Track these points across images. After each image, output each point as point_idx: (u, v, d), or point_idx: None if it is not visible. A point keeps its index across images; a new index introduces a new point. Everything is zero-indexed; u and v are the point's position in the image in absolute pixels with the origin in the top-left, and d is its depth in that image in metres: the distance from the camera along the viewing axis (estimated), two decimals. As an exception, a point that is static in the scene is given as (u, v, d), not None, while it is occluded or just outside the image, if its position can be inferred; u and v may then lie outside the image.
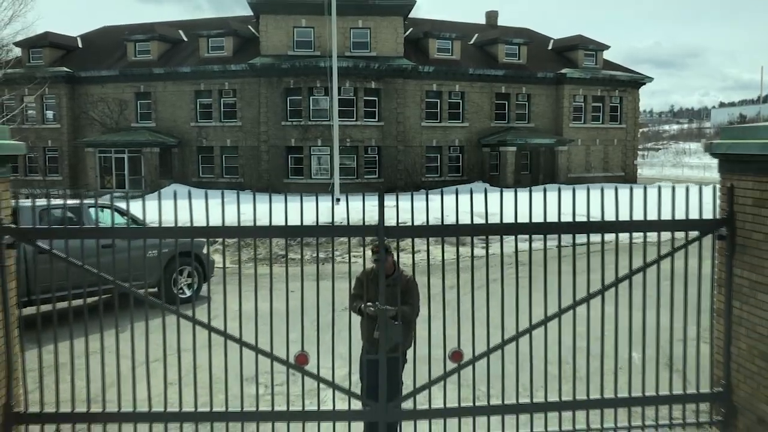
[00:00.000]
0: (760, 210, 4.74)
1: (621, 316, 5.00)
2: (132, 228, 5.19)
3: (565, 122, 38.03)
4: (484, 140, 36.29)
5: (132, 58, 36.36)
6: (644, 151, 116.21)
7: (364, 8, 33.45)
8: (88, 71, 36.17)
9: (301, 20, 33.44)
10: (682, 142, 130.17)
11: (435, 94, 35.69)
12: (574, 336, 4.84)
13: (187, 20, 40.94)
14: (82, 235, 4.85)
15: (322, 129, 32.81)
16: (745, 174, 4.91)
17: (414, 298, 4.92)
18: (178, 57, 36.26)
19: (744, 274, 4.93)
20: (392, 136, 34.45)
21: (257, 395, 4.91)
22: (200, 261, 10.48)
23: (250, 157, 34.27)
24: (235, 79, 34.21)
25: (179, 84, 35.02)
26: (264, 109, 33.65)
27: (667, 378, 5.28)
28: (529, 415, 4.88)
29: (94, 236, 4.84)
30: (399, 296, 4.77)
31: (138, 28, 38.38)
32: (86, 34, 41.50)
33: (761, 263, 4.73)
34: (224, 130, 34.70)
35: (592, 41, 39.78)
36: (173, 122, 35.20)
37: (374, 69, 33.33)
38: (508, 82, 37.01)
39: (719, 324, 5.19)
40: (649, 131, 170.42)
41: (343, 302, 5.20)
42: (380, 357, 4.70)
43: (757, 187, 4.77)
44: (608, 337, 4.98)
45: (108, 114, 36.13)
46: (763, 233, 4.70)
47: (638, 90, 40.94)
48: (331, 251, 14.35)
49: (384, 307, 4.68)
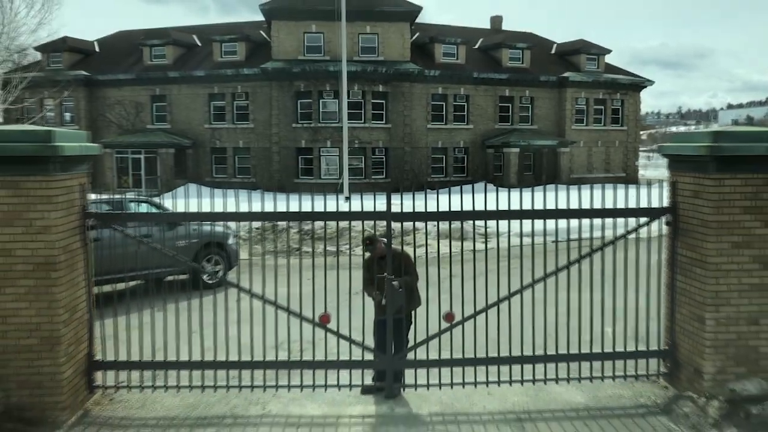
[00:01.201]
0: (695, 200, 5.85)
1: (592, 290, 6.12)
2: (188, 213, 6.30)
3: (567, 124, 39.08)
4: (488, 142, 37.40)
5: (148, 62, 37.67)
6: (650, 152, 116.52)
7: (372, 14, 34.63)
8: (105, 75, 37.48)
9: (312, 26, 34.66)
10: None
11: (440, 97, 36.83)
12: (545, 302, 5.97)
13: (201, 25, 42.24)
14: (150, 219, 6.01)
15: (332, 131, 34.03)
16: (685, 171, 6.02)
17: (411, 268, 6.08)
18: (192, 61, 37.55)
19: (685, 252, 6.04)
20: (399, 137, 35.61)
21: (289, 350, 6.07)
22: (226, 250, 11.65)
23: (261, 157, 35.51)
24: (248, 83, 35.47)
25: (193, 87, 36.29)
26: (275, 112, 34.88)
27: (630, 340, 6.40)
28: (508, 366, 6.02)
29: (157, 221, 6.00)
30: (402, 270, 5.92)
31: (153, 33, 39.68)
32: (103, 38, 42.85)
33: (697, 243, 5.83)
34: (237, 131, 35.97)
35: (594, 45, 40.82)
36: (188, 124, 36.49)
37: (382, 73, 34.52)
38: (512, 86, 38.10)
39: (667, 295, 6.30)
40: (656, 133, 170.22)
41: (355, 286, 6.30)
42: (387, 318, 5.85)
43: (693, 181, 5.88)
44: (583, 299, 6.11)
45: (124, 116, 37.42)
46: (699, 219, 5.80)
47: (639, 93, 41.95)
48: (343, 245, 15.54)
49: (390, 277, 5.82)
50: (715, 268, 5.67)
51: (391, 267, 5.88)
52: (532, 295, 6.05)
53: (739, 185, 5.61)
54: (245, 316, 6.04)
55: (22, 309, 5.34)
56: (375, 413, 5.72)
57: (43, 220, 5.32)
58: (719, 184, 5.61)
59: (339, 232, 15.11)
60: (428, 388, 5.97)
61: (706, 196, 5.68)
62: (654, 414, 5.70)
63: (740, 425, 5.23)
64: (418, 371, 5.96)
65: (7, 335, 5.35)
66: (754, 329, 5.71)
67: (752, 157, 5.54)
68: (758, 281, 5.68)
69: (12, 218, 5.28)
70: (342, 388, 5.95)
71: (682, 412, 5.63)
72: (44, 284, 5.35)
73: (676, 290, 6.17)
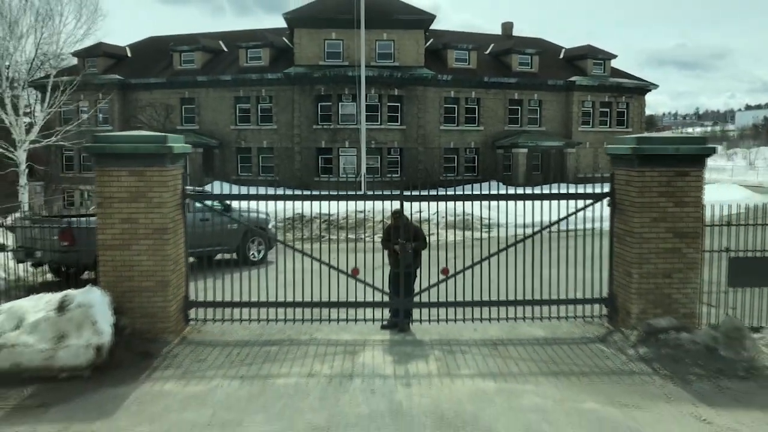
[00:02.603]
0: (626, 187, 7.97)
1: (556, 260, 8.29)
2: (254, 194, 8.48)
3: (574, 126, 41.00)
4: (497, 143, 39.44)
5: (177, 67, 40.17)
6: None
7: (389, 22, 36.80)
8: (137, 78, 40.04)
9: (332, 33, 36.92)
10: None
11: (453, 100, 38.95)
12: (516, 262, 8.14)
13: (227, 31, 44.68)
14: (230, 198, 8.28)
15: (350, 132, 36.29)
16: (620, 166, 8.16)
17: (420, 237, 8.27)
18: (219, 66, 40.00)
19: (620, 226, 8.17)
20: (413, 138, 37.79)
21: (329, 295, 8.29)
22: (266, 234, 13.92)
23: (284, 157, 37.86)
24: (271, 87, 37.83)
25: (220, 90, 38.74)
26: (297, 114, 37.20)
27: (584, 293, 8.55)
28: (488, 308, 8.20)
29: (234, 199, 8.26)
30: (411, 236, 8.12)
31: (183, 39, 42.21)
32: (134, 43, 45.46)
33: (627, 219, 7.96)
34: (261, 132, 38.35)
35: (601, 50, 42.71)
36: (215, 125, 38.92)
37: (397, 78, 36.71)
38: (521, 89, 40.12)
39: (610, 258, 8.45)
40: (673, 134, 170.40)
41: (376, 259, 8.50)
42: (400, 271, 8.06)
43: (625, 173, 8.01)
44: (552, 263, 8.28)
45: (155, 117, 39.89)
46: (628, 201, 7.92)
47: (644, 96, 43.77)
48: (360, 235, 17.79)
49: (404, 241, 8.03)
50: (639, 237, 7.79)
51: (405, 234, 8.09)
52: (506, 256, 8.22)
53: (656, 176, 7.73)
54: (297, 274, 8.28)
55: (143, 261, 7.61)
56: (391, 339, 7.93)
57: (159, 198, 7.58)
58: (642, 175, 7.73)
59: (357, 222, 17.34)
60: (429, 323, 8.18)
61: (633, 184, 7.81)
62: (593, 342, 7.84)
63: (650, 346, 7.35)
64: (423, 311, 8.17)
65: (133, 279, 7.62)
66: (668, 281, 7.82)
67: (664, 156, 7.66)
68: (671, 246, 7.79)
69: (137, 196, 7.55)
70: (367, 322, 8.19)
71: (613, 340, 7.79)
72: (159, 243, 7.61)
73: (614, 254, 8.31)
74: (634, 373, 6.77)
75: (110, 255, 7.57)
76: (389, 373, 6.69)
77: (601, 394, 6.17)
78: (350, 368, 6.84)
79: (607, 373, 6.76)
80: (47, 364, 6.66)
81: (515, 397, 6.07)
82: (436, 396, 6.06)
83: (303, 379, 6.56)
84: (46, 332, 6.80)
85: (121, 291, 7.51)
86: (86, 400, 6.08)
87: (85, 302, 7.01)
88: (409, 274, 8.17)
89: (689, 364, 6.93)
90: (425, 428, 5.37)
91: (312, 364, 7.01)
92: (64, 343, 6.74)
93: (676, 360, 7.03)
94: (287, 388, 6.31)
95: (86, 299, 7.05)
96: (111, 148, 7.48)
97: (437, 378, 6.56)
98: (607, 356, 7.33)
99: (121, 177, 7.49)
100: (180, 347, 7.64)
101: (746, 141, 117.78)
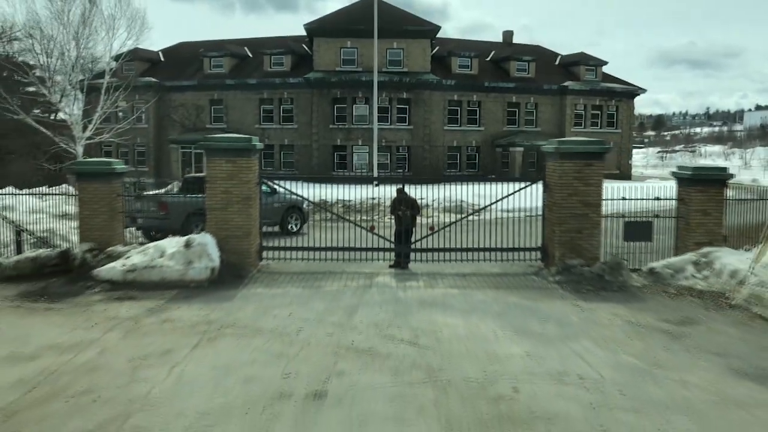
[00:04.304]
0: (552, 174, 12.00)
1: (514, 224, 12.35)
2: (309, 175, 12.56)
3: (567, 127, 44.87)
4: (496, 142, 43.42)
5: (207, 71, 44.42)
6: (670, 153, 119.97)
7: (398, 32, 40.84)
8: (171, 81, 44.30)
9: (347, 42, 41.01)
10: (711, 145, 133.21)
11: (456, 102, 42.99)
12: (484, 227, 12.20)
13: (252, 38, 48.87)
14: (282, 179, 12.39)
15: (362, 131, 40.39)
16: (549, 160, 12.20)
17: (415, 207, 12.36)
18: (245, 70, 44.21)
19: (548, 199, 12.20)
20: (420, 137, 41.84)
21: (354, 243, 12.39)
22: (301, 212, 18.03)
23: (303, 153, 42.02)
24: (292, 90, 42.01)
25: (246, 93, 42.95)
26: (315, 115, 41.33)
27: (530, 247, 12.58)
28: (462, 254, 12.27)
29: (292, 179, 12.38)
30: (410, 206, 12.22)
31: (212, 45, 46.43)
32: (166, 48, 49.75)
33: (552, 194, 11.98)
34: (283, 131, 42.53)
35: (593, 57, 46.55)
36: (241, 124, 43.08)
37: (406, 82, 40.77)
38: (519, 93, 44.08)
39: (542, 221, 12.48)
40: (680, 134, 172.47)
41: (383, 226, 12.59)
42: (402, 229, 12.16)
43: (552, 165, 12.04)
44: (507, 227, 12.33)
45: (187, 117, 44.20)
46: (554, 183, 11.93)
47: (633, 99, 47.60)
48: (371, 217, 21.95)
49: (404, 209, 12.13)
50: (560, 206, 11.80)
51: (405, 204, 12.18)
52: (478, 221, 12.29)
53: (571, 166, 11.73)
54: (331, 232, 12.39)
55: (235, 218, 11.70)
56: (395, 272, 12.02)
57: (245, 177, 11.68)
58: (562, 165, 11.74)
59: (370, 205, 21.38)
60: (421, 263, 12.26)
61: (556, 171, 11.82)
62: (529, 274, 11.88)
63: (563, 275, 11.36)
64: (417, 255, 12.26)
65: (228, 231, 11.71)
66: (578, 235, 11.81)
67: (575, 153, 11.68)
68: (580, 212, 11.78)
69: (232, 176, 11.64)
70: (380, 261, 12.30)
71: (542, 273, 11.84)
72: (245, 207, 11.70)
73: (545, 218, 12.35)
74: (547, 288, 10.81)
75: (215, 214, 11.68)
76: (393, 285, 10.80)
77: (522, 296, 10.22)
78: (369, 283, 10.95)
79: (530, 288, 10.81)
80: (181, 279, 10.78)
81: (469, 296, 10.14)
82: (420, 294, 10.16)
83: (341, 288, 10.66)
84: (179, 259, 10.93)
85: (221, 237, 11.60)
86: (211, 297, 10.16)
87: (202, 242, 11.14)
88: (408, 231, 12.26)
89: (584, 284, 10.95)
90: (412, 305, 9.44)
91: (345, 282, 11.12)
92: (191, 266, 10.87)
93: (577, 282, 11.05)
94: (331, 292, 10.40)
95: (203, 240, 11.18)
96: (216, 145, 11.60)
97: (422, 288, 10.65)
98: (534, 281, 11.39)
99: (221, 164, 11.60)
100: (258, 274, 11.76)
101: (752, 141, 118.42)
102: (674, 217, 12.36)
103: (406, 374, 6.53)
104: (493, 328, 8.27)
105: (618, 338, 7.89)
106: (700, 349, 7.50)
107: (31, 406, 5.76)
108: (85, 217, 11.86)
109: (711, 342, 7.79)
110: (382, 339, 7.73)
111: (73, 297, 10.06)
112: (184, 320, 8.62)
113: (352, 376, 6.46)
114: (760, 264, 10.05)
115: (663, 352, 7.37)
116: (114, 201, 12.04)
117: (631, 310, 9.34)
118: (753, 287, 9.69)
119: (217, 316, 8.83)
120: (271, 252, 12.58)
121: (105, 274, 10.81)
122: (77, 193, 12.04)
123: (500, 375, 6.50)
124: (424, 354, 7.17)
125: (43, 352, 7.23)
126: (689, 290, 10.54)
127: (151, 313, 9.00)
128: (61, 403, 5.80)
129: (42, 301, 9.86)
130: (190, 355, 7.11)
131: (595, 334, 8.05)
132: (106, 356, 7.11)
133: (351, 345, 7.49)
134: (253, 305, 9.49)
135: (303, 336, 7.85)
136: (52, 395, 5.98)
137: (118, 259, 11.20)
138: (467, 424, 5.34)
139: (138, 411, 5.61)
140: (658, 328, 8.36)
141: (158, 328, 8.23)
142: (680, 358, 7.14)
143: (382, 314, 8.92)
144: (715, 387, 6.23)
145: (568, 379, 6.39)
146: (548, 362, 6.92)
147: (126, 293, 10.19)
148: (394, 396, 5.94)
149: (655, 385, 6.28)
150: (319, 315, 8.90)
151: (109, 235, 11.92)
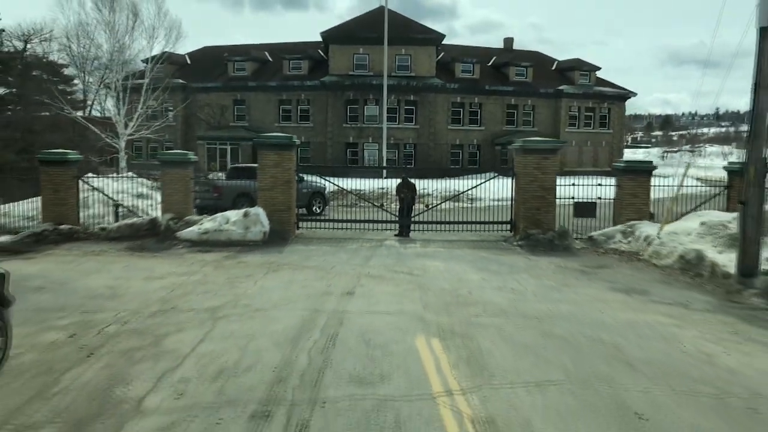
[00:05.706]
0: (518, 165, 15.84)
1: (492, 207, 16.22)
2: (332, 165, 16.46)
3: (562, 128, 48.57)
4: (496, 140, 47.18)
5: (231, 74, 48.43)
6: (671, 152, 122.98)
7: (406, 40, 44.72)
8: (197, 83, 48.33)
9: (360, 49, 44.91)
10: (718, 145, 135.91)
11: (459, 104, 46.81)
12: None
13: (273, 43, 52.87)
14: (309, 171, 16.31)
15: (373, 130, 44.29)
16: (516, 154, 16.06)
17: (413, 190, 16.28)
18: (266, 73, 48.20)
19: (516, 184, 16.03)
20: (425, 136, 45.70)
21: (365, 219, 16.31)
22: (324, 197, 21.97)
23: (319, 150, 45.96)
24: (309, 92, 45.97)
25: (267, 94, 46.94)
26: (330, 115, 45.27)
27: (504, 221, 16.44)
28: (449, 225, 16.17)
29: (319, 173, 16.29)
30: (410, 191, 16.14)
31: (235, 50, 50.49)
32: (192, 52, 53.81)
33: (519, 180, 15.80)
34: (300, 129, 46.44)
35: (587, 63, 50.21)
36: (262, 122, 47.09)
37: (413, 86, 44.64)
38: (517, 96, 47.82)
39: (512, 202, 16.33)
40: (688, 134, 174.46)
41: (390, 204, 16.53)
42: (404, 206, 16.08)
43: (517, 158, 15.89)
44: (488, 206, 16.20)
45: (212, 115, 48.21)
46: (520, 172, 15.76)
47: (624, 102, 51.22)
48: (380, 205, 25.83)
49: (406, 191, 16.05)
50: (523, 190, 15.63)
51: (407, 188, 16.10)
52: (463, 200, 16.20)
53: (532, 159, 15.55)
54: (350, 213, 16.33)
55: (279, 196, 15.62)
56: (399, 239, 15.93)
57: (287, 165, 15.61)
58: (525, 158, 15.58)
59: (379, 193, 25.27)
60: (419, 233, 16.17)
61: (521, 163, 15.66)
62: (499, 241, 15.75)
63: (524, 241, 15.20)
64: (416, 226, 16.18)
65: (275, 206, 15.61)
66: (538, 212, 15.63)
67: (534, 149, 15.52)
68: (540, 195, 15.58)
69: (277, 164, 15.56)
70: (388, 231, 16.22)
71: (509, 240, 15.70)
72: (287, 188, 15.62)
73: (514, 199, 16.21)
74: (510, 249, 14.68)
75: (264, 193, 15.59)
76: (397, 245, 14.71)
77: (489, 252, 14.08)
78: (380, 244, 14.86)
79: (497, 249, 14.67)
80: (242, 239, 14.70)
81: (451, 252, 14.02)
82: (416, 251, 14.06)
83: (359, 247, 14.57)
84: (240, 225, 14.86)
85: (269, 210, 15.49)
86: (266, 250, 14.06)
87: (257, 212, 15.07)
88: (410, 207, 16.18)
89: (538, 247, 14.78)
90: (410, 256, 13.34)
91: (362, 243, 15.03)
92: (249, 230, 14.80)
93: (534, 245, 14.88)
94: (352, 249, 14.31)
95: (257, 211, 15.11)
96: (267, 141, 15.55)
97: (418, 248, 14.56)
98: (502, 245, 15.26)
99: (270, 155, 15.51)
100: (296, 238, 15.68)
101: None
102: (613, 198, 16.19)
103: (402, 285, 10.43)
104: (464, 268, 12.15)
105: (547, 274, 11.75)
106: (599, 278, 11.36)
107: (177, 297, 9.66)
108: (168, 195, 15.81)
109: (609, 276, 11.64)
110: (388, 271, 11.64)
111: (166, 250, 14.02)
112: (253, 262, 12.55)
113: (369, 286, 10.36)
114: (663, 231, 13.90)
115: (573, 280, 11.22)
116: (188, 183, 15.97)
117: (566, 260, 13.21)
118: (656, 246, 13.53)
119: (274, 259, 12.78)
120: (304, 223, 16.53)
121: (185, 235, 14.76)
122: (160, 176, 15.98)
123: (462, 286, 10.39)
124: (415, 278, 11.07)
125: (167, 276, 11.16)
126: (615, 251, 14.38)
127: (228, 258, 12.95)
128: (195, 296, 9.71)
129: (145, 252, 13.82)
130: (264, 277, 11.04)
131: (533, 272, 11.92)
132: (209, 277, 11.04)
133: (368, 274, 11.39)
134: (297, 255, 13.43)
135: (336, 270, 11.76)
136: (187, 293, 9.90)
137: (193, 225, 15.15)
138: (437, 305, 9.21)
139: (243, 298, 9.52)
140: (578, 269, 12.23)
141: (236, 265, 12.17)
142: (582, 282, 11.00)
143: (389, 260, 12.83)
144: (594, 294, 10.08)
145: (504, 290, 10.26)
146: (495, 282, 10.80)
147: (203, 248, 14.13)
148: (395, 293, 9.84)
149: (558, 293, 10.13)
150: (344, 260, 12.81)
151: (185, 208, 15.87)
